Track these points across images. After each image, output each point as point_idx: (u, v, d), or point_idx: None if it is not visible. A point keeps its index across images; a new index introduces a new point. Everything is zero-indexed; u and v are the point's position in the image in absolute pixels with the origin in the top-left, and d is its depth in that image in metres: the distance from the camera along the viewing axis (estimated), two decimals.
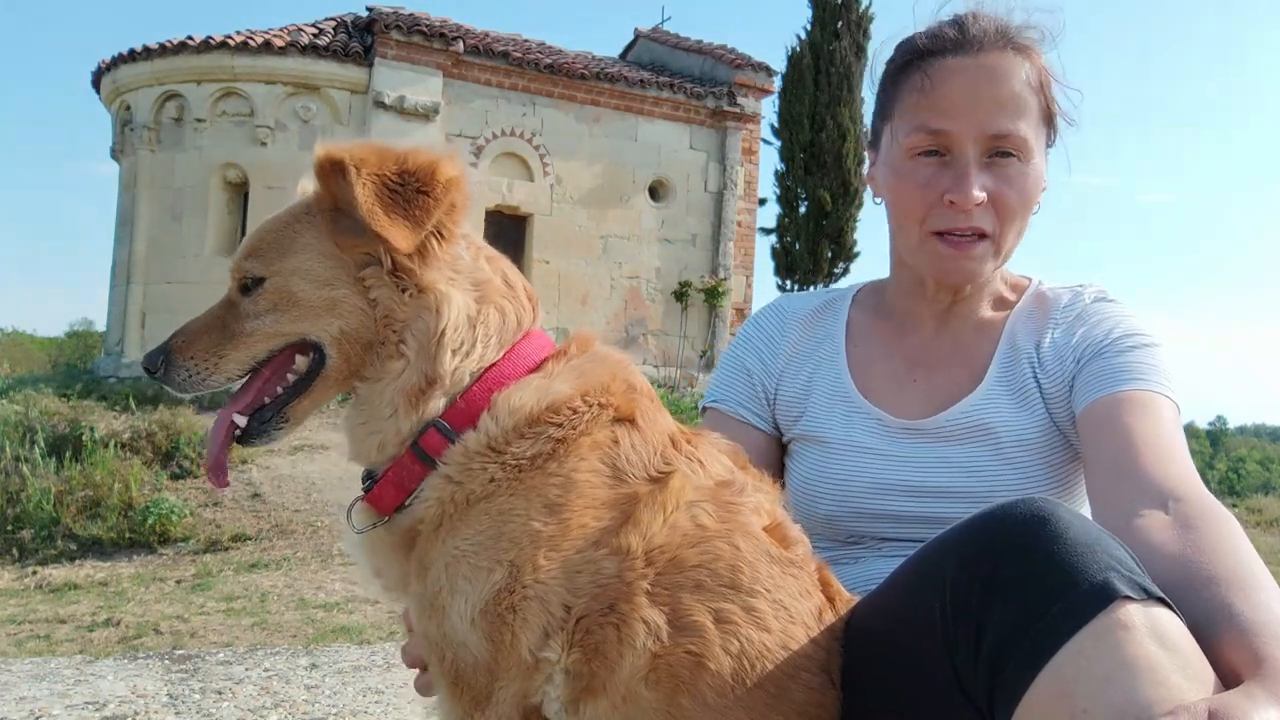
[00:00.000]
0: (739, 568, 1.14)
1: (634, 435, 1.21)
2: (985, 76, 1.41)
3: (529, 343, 1.27)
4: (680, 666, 1.10)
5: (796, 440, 1.62)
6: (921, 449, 1.49)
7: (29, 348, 26.21)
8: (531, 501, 1.15)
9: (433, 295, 1.21)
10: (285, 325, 1.23)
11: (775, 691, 1.12)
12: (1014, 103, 1.41)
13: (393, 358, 1.22)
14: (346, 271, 1.22)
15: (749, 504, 1.21)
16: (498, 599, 1.12)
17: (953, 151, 1.42)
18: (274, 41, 13.12)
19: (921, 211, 1.45)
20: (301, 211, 1.27)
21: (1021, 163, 1.42)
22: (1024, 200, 1.44)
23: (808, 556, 1.24)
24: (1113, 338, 1.44)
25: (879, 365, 1.58)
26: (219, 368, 1.25)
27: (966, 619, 0.98)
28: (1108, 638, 0.89)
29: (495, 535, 1.15)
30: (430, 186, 1.19)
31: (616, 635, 1.10)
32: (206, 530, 8.11)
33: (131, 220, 13.70)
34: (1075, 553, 0.94)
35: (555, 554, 1.12)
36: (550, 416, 1.19)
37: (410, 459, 1.21)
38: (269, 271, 1.23)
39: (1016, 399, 1.48)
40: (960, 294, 1.55)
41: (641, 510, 1.15)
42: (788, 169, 17.63)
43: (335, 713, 3.34)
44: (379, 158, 1.20)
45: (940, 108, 1.42)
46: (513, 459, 1.17)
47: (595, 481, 1.17)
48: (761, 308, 1.77)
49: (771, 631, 1.13)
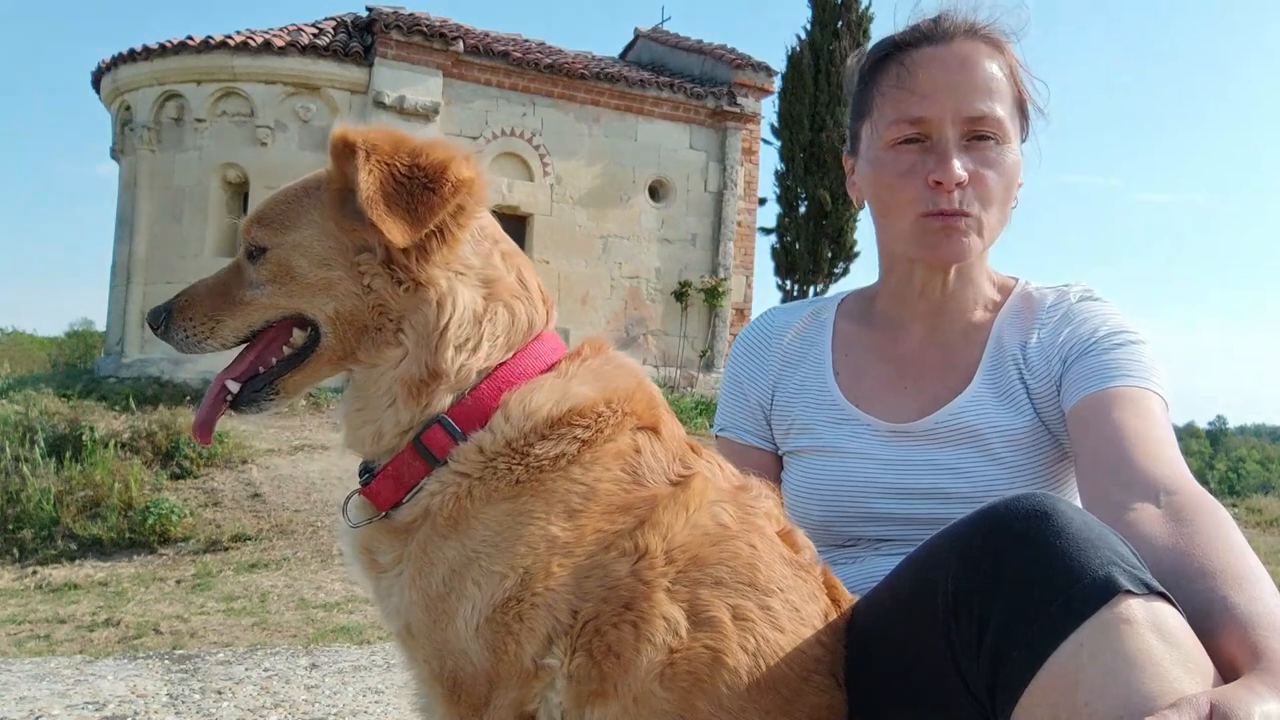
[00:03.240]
0: (756, 567, 1.14)
1: (656, 444, 1.21)
2: (959, 62, 1.46)
3: (541, 344, 1.25)
4: (699, 662, 1.08)
5: (789, 453, 1.64)
6: (910, 451, 1.51)
7: (29, 348, 26.22)
8: (553, 506, 1.13)
9: (433, 290, 1.18)
10: (281, 299, 1.22)
11: (789, 694, 1.12)
12: (989, 86, 1.45)
13: (390, 345, 1.19)
14: (344, 254, 1.20)
15: (763, 509, 1.22)
16: (505, 607, 1.09)
17: (933, 137, 1.45)
18: (274, 41, 13.12)
19: (909, 196, 1.46)
20: (313, 186, 1.25)
21: (1000, 146, 1.46)
22: (1004, 183, 1.47)
23: (814, 561, 1.24)
24: (1098, 336, 1.45)
25: (869, 373, 1.59)
26: (215, 332, 1.24)
27: (968, 613, 0.98)
28: (1110, 632, 0.89)
29: (513, 538, 1.11)
30: (438, 185, 1.16)
31: (634, 633, 1.08)
32: (206, 530, 8.11)
33: (131, 220, 13.69)
34: (1077, 547, 0.95)
35: (568, 560, 1.10)
36: (575, 419, 1.17)
37: (411, 454, 1.18)
38: (272, 243, 1.22)
39: (1004, 400, 1.50)
40: (948, 287, 1.55)
41: (662, 511, 1.13)
42: (788, 169, 17.63)
43: (335, 713, 3.34)
44: (393, 147, 1.18)
45: (918, 95, 1.45)
46: (535, 461, 1.15)
47: (615, 488, 1.15)
48: (747, 327, 1.79)
49: (786, 632, 1.13)
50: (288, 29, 13.86)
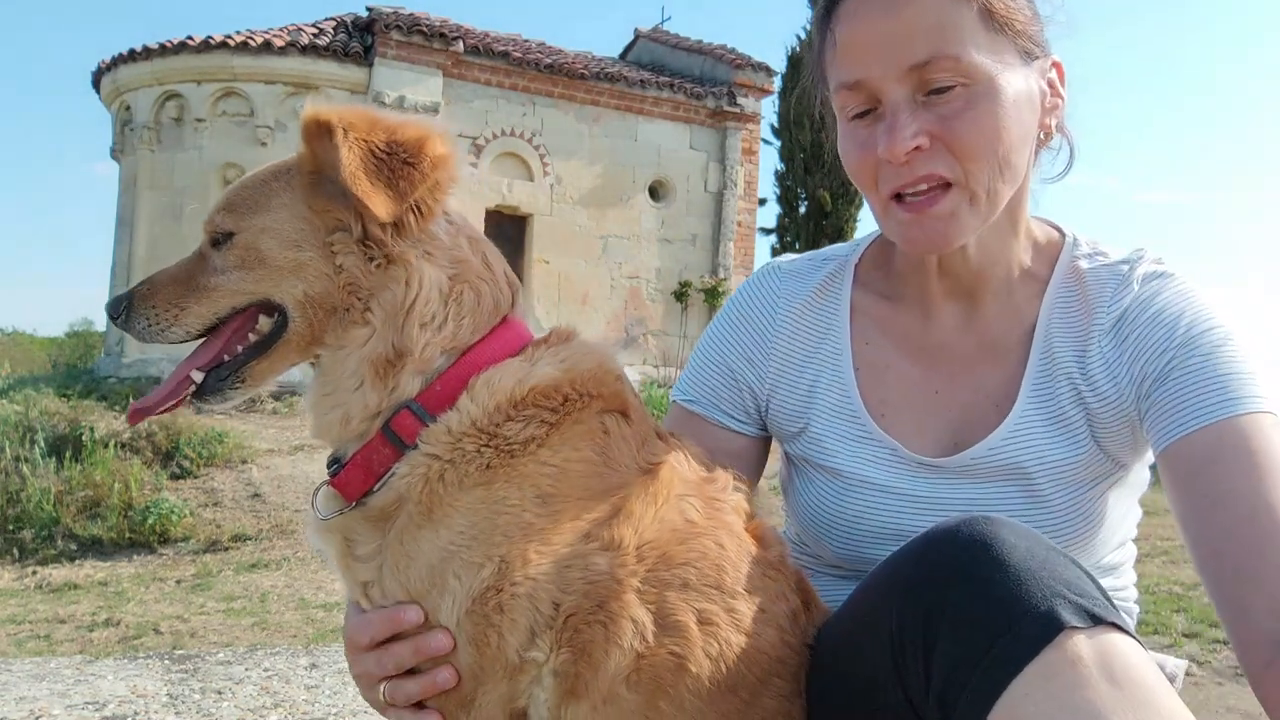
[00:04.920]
0: (724, 567, 1.12)
1: (624, 426, 1.19)
2: (885, 4, 1.17)
3: (507, 328, 1.23)
4: (663, 668, 1.07)
5: (802, 460, 1.43)
6: (941, 488, 1.30)
7: (29, 348, 26.19)
8: (525, 491, 1.11)
9: (402, 267, 1.17)
10: (249, 284, 1.19)
11: (748, 698, 1.11)
12: (930, 20, 1.15)
13: (357, 324, 1.17)
14: (316, 235, 1.18)
15: (730, 502, 1.20)
16: (484, 597, 1.07)
17: (883, 103, 1.19)
18: (274, 41, 13.11)
19: (870, 177, 1.23)
20: (282, 170, 1.23)
21: (970, 88, 1.15)
22: (986, 131, 1.16)
23: (785, 559, 1.21)
24: (1177, 343, 1.19)
25: (894, 371, 1.36)
26: (179, 320, 1.21)
27: (915, 651, 0.94)
28: (1054, 678, 0.85)
29: (489, 528, 1.10)
30: (417, 159, 1.16)
31: (604, 634, 1.07)
32: (206, 530, 8.11)
33: (131, 220, 13.70)
34: (1018, 580, 0.90)
35: (546, 548, 1.08)
36: (539, 400, 1.16)
37: (381, 441, 1.16)
38: (239, 227, 1.19)
39: (1055, 427, 1.27)
40: (967, 261, 1.29)
41: (634, 501, 1.12)
42: (788, 169, 17.66)
43: (335, 713, 3.34)
44: (369, 124, 1.17)
45: (848, 56, 1.20)
46: (505, 443, 1.13)
47: (587, 471, 1.14)
48: (745, 287, 1.49)
49: (750, 635, 1.11)
50: (288, 29, 13.86)
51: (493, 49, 14.23)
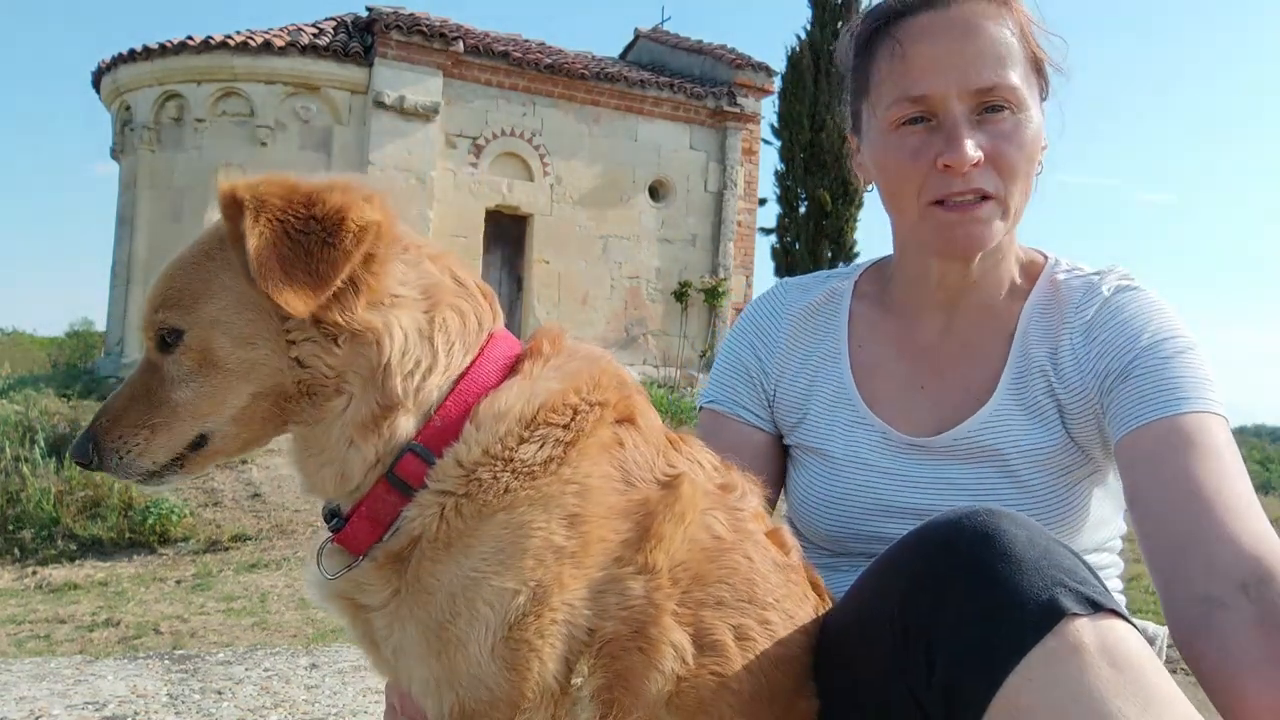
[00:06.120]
0: (754, 581, 1.12)
1: (636, 436, 1.15)
2: (961, 29, 1.30)
3: (495, 346, 1.15)
4: (704, 689, 1.06)
5: (797, 448, 1.54)
6: (926, 468, 1.41)
7: (29, 348, 26.20)
8: (551, 512, 1.06)
9: (370, 334, 1.06)
10: (209, 401, 1.07)
11: (786, 704, 1.11)
12: (997, 51, 1.29)
13: (330, 398, 1.07)
14: (268, 325, 1.06)
15: (750, 509, 1.19)
16: (523, 623, 1.03)
17: (939, 114, 1.30)
18: (274, 41, 13.11)
19: (916, 183, 1.32)
20: (215, 247, 1.10)
21: (1016, 115, 1.30)
22: (1026, 155, 1.31)
23: (801, 560, 1.23)
24: (1141, 346, 1.29)
25: (885, 368, 1.48)
26: (145, 451, 1.09)
27: (918, 643, 0.96)
28: (1056, 664, 0.87)
29: (518, 552, 1.04)
30: (337, 238, 1.03)
31: (644, 660, 1.05)
32: (206, 530, 8.11)
33: (131, 220, 13.70)
34: (1020, 571, 0.92)
35: (579, 571, 1.05)
36: (550, 417, 1.10)
37: (385, 490, 1.08)
38: (186, 323, 1.07)
39: (1030, 415, 1.37)
40: (970, 276, 1.41)
41: (661, 523, 1.08)
42: (788, 169, 17.62)
43: (335, 713, 3.34)
44: (286, 197, 1.05)
45: (917, 71, 1.30)
46: (523, 465, 1.07)
47: (608, 488, 1.10)
48: (756, 299, 1.67)
49: (783, 644, 1.11)
50: (288, 29, 13.86)
51: (493, 49, 14.24)
